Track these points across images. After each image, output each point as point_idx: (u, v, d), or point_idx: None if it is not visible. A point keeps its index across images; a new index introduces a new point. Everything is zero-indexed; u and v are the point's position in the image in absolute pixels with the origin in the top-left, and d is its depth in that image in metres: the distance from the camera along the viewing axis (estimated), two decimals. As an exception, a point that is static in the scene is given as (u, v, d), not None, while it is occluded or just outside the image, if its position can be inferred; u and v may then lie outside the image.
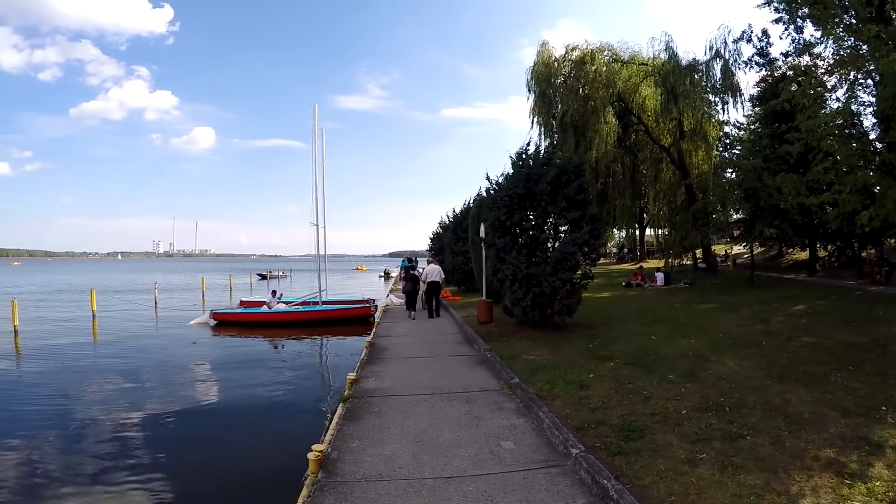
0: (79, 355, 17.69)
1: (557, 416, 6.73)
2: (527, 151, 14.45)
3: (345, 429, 7.10)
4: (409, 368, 10.99)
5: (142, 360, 16.79)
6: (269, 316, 23.32)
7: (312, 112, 24.55)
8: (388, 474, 5.56)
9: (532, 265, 13.41)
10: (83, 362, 16.56)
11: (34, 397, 12.43)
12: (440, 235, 38.38)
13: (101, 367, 15.77)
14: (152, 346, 19.53)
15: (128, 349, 18.82)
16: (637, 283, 24.92)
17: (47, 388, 13.22)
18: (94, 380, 14.16)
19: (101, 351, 18.91)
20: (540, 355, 10.76)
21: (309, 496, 5.23)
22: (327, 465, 5.90)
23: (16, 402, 12.05)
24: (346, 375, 10.31)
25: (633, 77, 29.09)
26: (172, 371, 15.27)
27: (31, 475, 7.98)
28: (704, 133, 27.98)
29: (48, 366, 16.05)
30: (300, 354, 17.67)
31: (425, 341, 14.43)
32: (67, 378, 14.39)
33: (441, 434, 6.65)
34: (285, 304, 24.47)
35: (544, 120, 29.57)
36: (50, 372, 15.17)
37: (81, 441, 9.47)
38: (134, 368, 15.55)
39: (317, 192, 24.19)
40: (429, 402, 8.21)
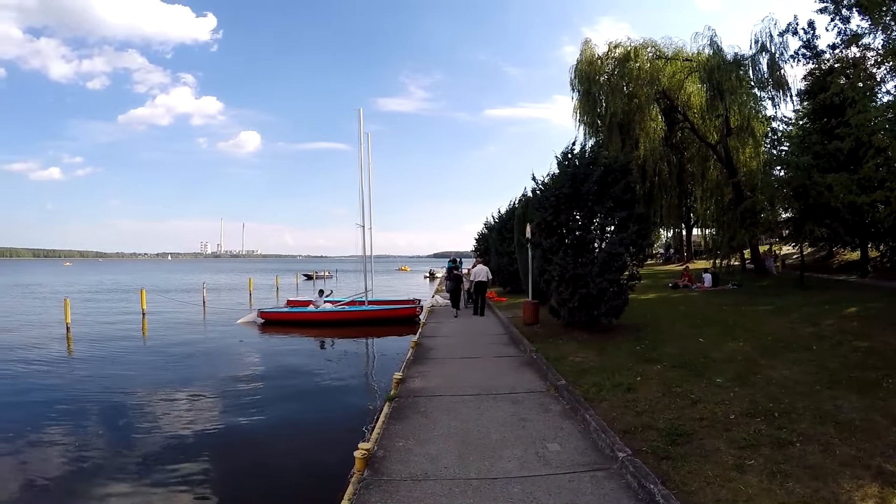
0: (128, 352, 18.30)
1: (604, 418, 6.72)
2: (572, 151, 14.37)
3: (391, 428, 7.19)
4: (455, 369, 11.07)
5: (190, 358, 17.27)
6: (315, 315, 23.68)
7: (357, 115, 24.82)
8: (434, 474, 5.64)
9: (579, 266, 13.33)
10: (132, 359, 17.10)
11: (85, 392, 12.88)
12: (485, 236, 38.29)
13: (150, 365, 16.24)
14: (200, 344, 20.09)
15: (176, 347, 19.32)
16: (684, 284, 24.53)
17: (98, 384, 13.68)
18: (142, 377, 14.58)
19: (150, 348, 19.48)
20: (586, 357, 10.73)
21: (355, 493, 5.31)
22: (373, 463, 5.98)
23: (67, 397, 12.49)
24: (391, 375, 10.44)
25: (677, 74, 28.61)
26: (220, 369, 15.66)
27: (81, 468, 8.30)
28: (752, 129, 27.13)
29: (99, 362, 16.60)
30: (346, 353, 17.92)
31: (471, 342, 14.51)
32: (117, 374, 14.85)
33: (487, 435, 6.70)
34: (331, 304, 24.84)
35: (589, 119, 29.28)
36: (100, 368, 15.69)
37: (129, 436, 9.77)
38: (182, 366, 16.02)
39: (363, 194, 24.50)
40: (475, 403, 8.28)
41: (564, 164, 14.33)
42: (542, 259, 14.66)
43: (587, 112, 29.25)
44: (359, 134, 24.51)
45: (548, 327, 14.81)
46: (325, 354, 18.07)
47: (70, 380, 14.39)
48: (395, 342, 19.25)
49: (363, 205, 24.45)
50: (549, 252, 14.14)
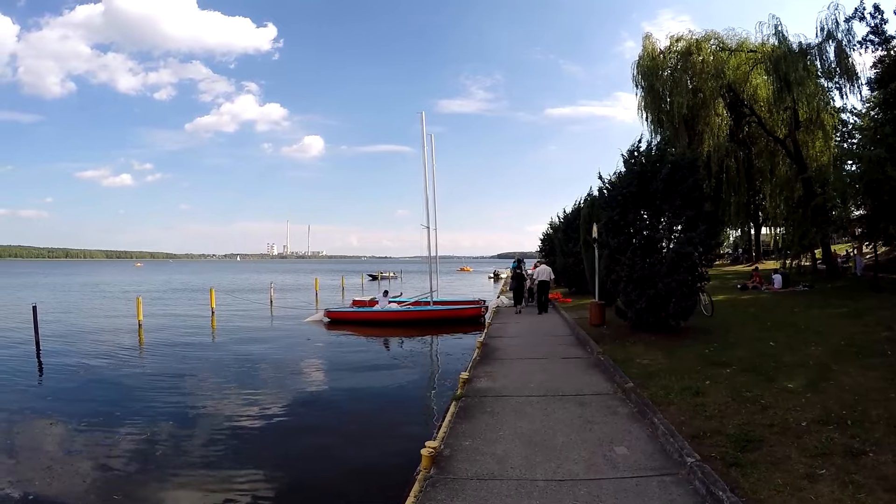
0: (198, 349, 19.06)
1: (672, 422, 6.69)
2: (639, 148, 14.21)
3: (457, 427, 7.30)
4: (521, 369, 11.12)
5: (257, 355, 17.78)
6: (380, 315, 24.07)
7: (420, 118, 25.29)
8: (500, 474, 5.71)
9: (647, 266, 13.21)
10: (202, 355, 17.81)
11: (155, 386, 13.48)
12: (550, 236, 38.06)
13: (219, 361, 16.85)
14: (268, 342, 20.68)
15: (244, 344, 19.98)
16: (753, 285, 23.88)
17: (168, 379, 14.31)
18: (211, 372, 15.21)
19: (219, 345, 20.19)
20: (654, 359, 10.64)
21: (421, 491, 5.41)
22: (439, 461, 6.08)
23: (139, 390, 13.12)
24: (457, 374, 10.59)
25: (741, 66, 27.56)
26: (287, 366, 16.14)
27: (147, 458, 8.70)
28: (821, 122, 25.84)
29: (169, 357, 17.36)
30: (411, 353, 18.20)
31: (537, 342, 14.56)
32: (187, 369, 15.53)
33: (554, 436, 6.75)
34: (397, 304, 25.19)
35: (654, 115, 28.61)
36: (171, 363, 16.40)
37: (198, 428, 10.22)
38: (250, 363, 16.49)
39: (427, 195, 24.88)
40: (541, 404, 8.34)
41: (631, 161, 14.19)
42: (610, 259, 14.54)
43: (651, 108, 28.60)
44: (422, 136, 24.99)
45: (614, 329, 14.73)
46: (390, 353, 18.41)
47: (141, 374, 15.06)
48: (459, 342, 19.42)
49: (427, 206, 24.85)
50: (616, 252, 14.02)
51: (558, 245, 31.85)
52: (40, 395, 13.15)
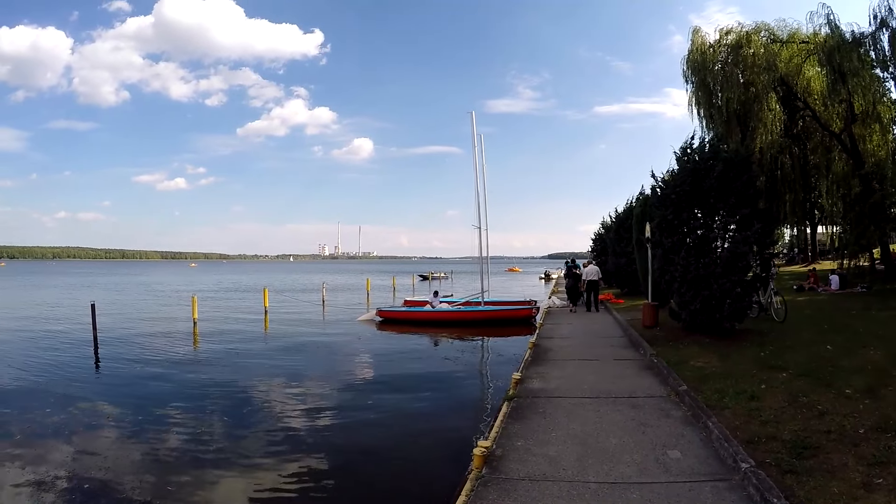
0: (251, 346, 19.53)
1: (727, 427, 6.63)
2: (691, 145, 13.99)
3: (510, 427, 7.37)
4: (573, 370, 11.15)
5: (309, 354, 18.19)
6: (432, 315, 24.26)
7: (470, 119, 25.20)
8: (552, 475, 5.75)
9: (701, 266, 13.00)
10: (255, 353, 18.22)
11: (208, 382, 13.88)
12: (602, 236, 37.63)
13: (271, 358, 17.20)
14: (320, 341, 21.02)
15: (297, 342, 20.37)
16: (809, 286, 23.22)
17: (221, 375, 14.72)
18: (264, 369, 15.56)
19: (271, 343, 20.66)
20: (708, 362, 10.52)
21: (472, 490, 5.49)
22: (491, 461, 6.14)
23: (192, 385, 13.57)
24: (508, 375, 10.66)
25: (794, 58, 26.52)
26: (338, 364, 16.45)
27: (202, 450, 8.99)
28: (878, 115, 24.54)
29: (223, 355, 17.83)
30: (462, 353, 18.19)
31: (589, 343, 14.53)
32: (239, 367, 15.93)
33: (606, 439, 6.77)
34: (448, 304, 25.34)
35: (705, 111, 27.85)
36: (224, 360, 16.85)
37: (249, 424, 10.46)
38: (302, 361, 16.85)
39: (477, 195, 24.80)
40: (594, 406, 8.36)
41: (684, 159, 13.97)
42: (663, 259, 14.39)
43: (702, 104, 27.85)
44: (472, 137, 24.89)
45: (668, 330, 14.58)
46: (441, 353, 18.50)
47: (195, 370, 15.54)
48: (511, 343, 19.38)
49: (478, 206, 24.76)
50: (670, 252, 13.86)
51: (610, 245, 31.53)
52: (98, 388, 13.72)
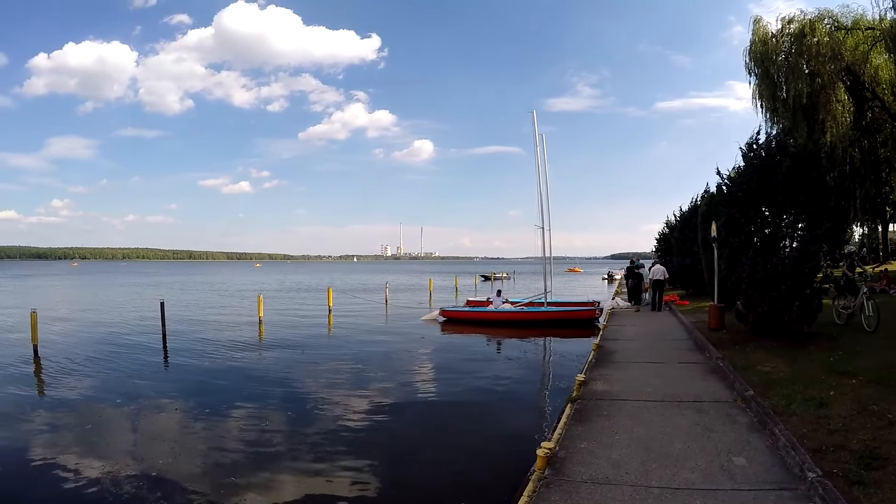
0: (314, 345, 20.00)
1: (794, 434, 6.44)
2: (757, 141, 13.58)
3: (573, 429, 7.35)
4: (637, 373, 11.03)
5: (372, 352, 18.41)
6: (494, 315, 24.29)
7: (531, 118, 25.23)
8: (615, 478, 5.71)
9: (769, 267, 12.57)
10: (319, 352, 18.59)
11: (272, 379, 14.30)
12: (666, 236, 36.86)
13: (335, 356, 17.56)
14: (383, 340, 21.35)
15: (360, 341, 20.69)
16: (881, 288, 22.21)
17: (284, 372, 15.14)
18: (327, 367, 15.90)
19: (335, 342, 21.10)
20: (775, 367, 10.19)
21: (535, 491, 5.49)
22: (554, 463, 6.13)
23: (257, 382, 13.94)
24: (570, 376, 10.67)
25: (860, 45, 25.45)
26: (401, 362, 16.69)
27: (263, 445, 9.28)
28: None
29: (287, 353, 18.28)
30: (524, 353, 18.18)
31: (654, 346, 14.33)
32: (303, 364, 16.36)
33: (670, 443, 6.69)
34: (510, 304, 25.33)
35: (769, 104, 26.78)
36: (288, 358, 17.29)
37: (310, 419, 10.74)
38: (364, 359, 17.07)
39: (540, 195, 24.79)
40: (658, 409, 8.27)
41: (750, 155, 13.54)
42: (730, 260, 14.04)
43: (766, 97, 26.78)
44: (533, 136, 24.95)
45: (734, 333, 14.17)
46: (503, 353, 18.54)
47: (259, 367, 16.02)
48: (573, 344, 19.33)
49: (541, 206, 24.78)
50: (737, 252, 13.53)
51: (675, 245, 30.90)
52: (166, 382, 14.32)
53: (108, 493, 7.42)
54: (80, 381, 14.16)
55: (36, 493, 7.62)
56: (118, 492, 7.45)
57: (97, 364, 16.40)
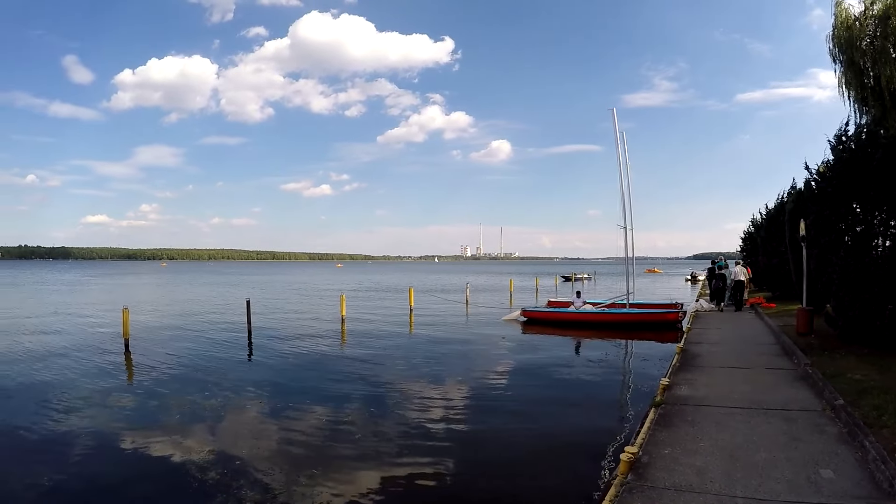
0: (396, 344, 20.22)
1: (885, 447, 6.21)
2: (846, 132, 12.97)
3: (657, 434, 7.31)
4: (722, 378, 10.83)
5: (453, 352, 18.62)
6: (576, 316, 24.15)
7: (611, 115, 24.74)
8: (699, 486, 5.67)
9: (861, 267, 11.95)
10: (399, 351, 18.84)
11: (353, 376, 14.67)
12: (752, 235, 35.54)
13: (415, 355, 17.78)
14: (464, 340, 21.55)
15: (441, 341, 20.95)
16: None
17: (365, 369, 15.49)
18: (407, 366, 16.18)
19: (416, 341, 21.30)
20: (867, 375, 9.77)
21: (617, 496, 5.51)
22: (637, 468, 6.12)
23: (337, 379, 14.34)
24: (652, 380, 10.61)
25: None
26: (481, 362, 16.83)
27: (343, 440, 9.57)
28: None
29: (368, 350, 18.65)
30: (606, 355, 18.01)
31: (739, 350, 13.97)
32: (383, 361, 16.65)
33: (756, 452, 6.58)
34: (591, 305, 25.12)
35: (857, 93, 25.08)
36: (369, 356, 17.61)
37: (390, 415, 10.97)
38: (445, 359, 17.30)
39: (623, 194, 24.39)
40: (744, 417, 8.13)
41: (839, 148, 12.96)
42: (819, 260, 13.47)
43: (853, 85, 25.19)
44: (614, 134, 24.46)
45: (823, 338, 13.64)
46: (584, 355, 18.42)
47: (340, 364, 16.41)
48: (656, 347, 19.03)
49: (623, 205, 24.36)
50: (826, 251, 12.94)
51: (761, 244, 29.83)
52: (250, 377, 14.96)
53: (192, 478, 7.86)
54: (168, 374, 15.00)
55: (124, 476, 8.14)
56: (202, 477, 7.89)
57: (184, 358, 17.36)
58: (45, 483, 7.77)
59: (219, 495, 7.28)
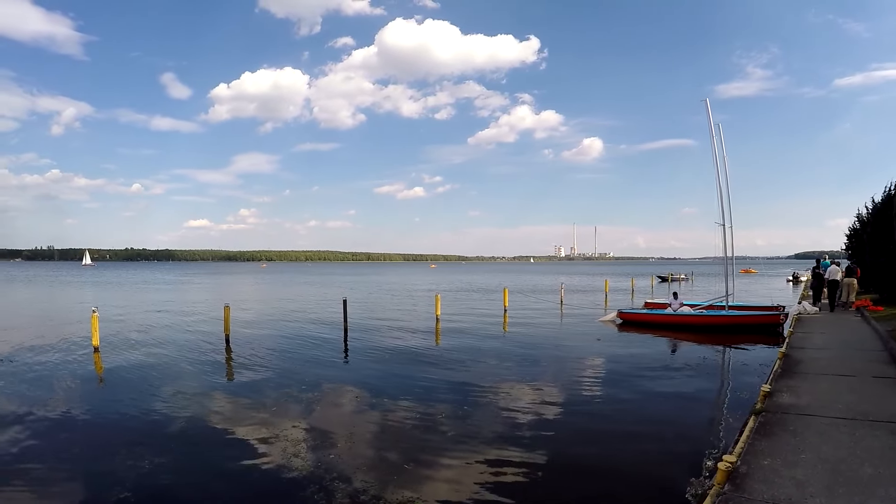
0: (489, 344, 20.33)
1: None
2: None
3: (756, 444, 7.05)
4: (826, 386, 10.29)
5: (547, 353, 18.55)
6: (673, 318, 23.60)
7: (704, 107, 23.74)
8: (798, 500, 5.43)
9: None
10: (493, 350, 18.92)
11: (447, 376, 14.82)
12: (857, 232, 33.27)
13: (509, 355, 17.80)
14: (559, 341, 21.44)
15: (535, 342, 20.85)
16: None
17: (459, 370, 15.65)
18: (501, 366, 16.21)
19: (509, 342, 21.32)
20: None
21: None
22: (735, 478, 5.91)
23: (431, 379, 14.50)
24: (751, 386, 10.27)
25: None
26: (575, 364, 16.67)
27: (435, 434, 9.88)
28: None
29: (462, 351, 18.81)
30: (703, 359, 17.46)
31: (845, 357, 13.20)
32: (477, 363, 16.74)
33: (860, 467, 6.26)
34: (689, 307, 24.43)
35: None
36: (463, 356, 17.77)
37: (481, 417, 10.98)
38: (539, 360, 17.24)
39: (720, 190, 23.45)
40: (849, 428, 7.71)
41: None
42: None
43: None
44: (708, 127, 23.39)
45: (938, 344, 12.87)
46: (681, 358, 17.92)
47: (435, 364, 16.58)
48: (756, 351, 18.31)
49: (720, 202, 23.37)
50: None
51: (867, 242, 27.95)
52: (346, 373, 15.58)
53: (286, 468, 8.27)
54: (266, 369, 15.72)
55: (219, 463, 8.68)
56: (297, 468, 8.28)
57: (282, 353, 18.21)
58: (144, 466, 8.41)
59: (311, 486, 7.60)
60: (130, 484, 7.74)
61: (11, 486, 7.78)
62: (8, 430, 10.32)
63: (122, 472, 8.20)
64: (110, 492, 7.49)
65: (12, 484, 7.86)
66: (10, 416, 11.15)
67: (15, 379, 14.44)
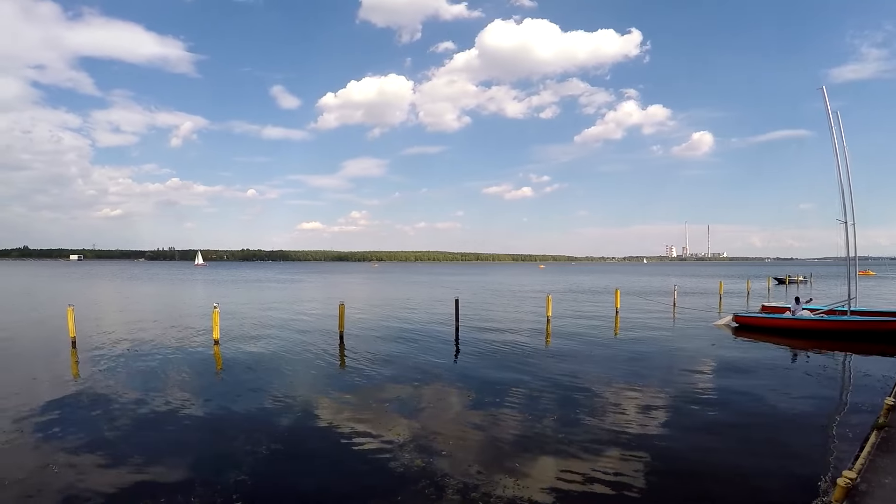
0: (600, 346, 20.13)
1: None
2: None
3: (878, 460, 6.82)
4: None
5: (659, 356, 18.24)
6: (792, 323, 22.49)
7: (821, 94, 21.82)
8: None
9: None
10: (603, 352, 18.78)
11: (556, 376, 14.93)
12: None
13: (619, 359, 17.59)
14: (671, 344, 20.90)
15: (647, 345, 20.53)
16: None
17: (568, 370, 15.67)
18: (612, 368, 16.12)
19: (620, 344, 20.92)
20: None
21: None
22: (854, 495, 5.76)
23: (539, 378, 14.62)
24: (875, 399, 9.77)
25: None
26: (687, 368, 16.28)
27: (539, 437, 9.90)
28: None
29: (572, 352, 18.77)
30: (824, 369, 16.51)
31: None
32: (587, 363, 16.79)
33: None
34: (810, 312, 23.22)
35: None
36: (573, 358, 17.77)
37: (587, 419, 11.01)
38: (651, 363, 16.97)
39: (841, 185, 21.65)
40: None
41: None
42: None
43: None
44: (826, 115, 21.62)
45: None
46: (800, 367, 17.04)
47: (545, 365, 16.63)
48: (880, 361, 17.21)
49: (843, 197, 21.65)
50: None
51: None
52: (458, 369, 15.94)
53: (397, 461, 8.68)
54: (379, 365, 16.25)
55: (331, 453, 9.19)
56: (406, 461, 8.69)
57: (393, 350, 18.76)
58: (262, 451, 9.13)
59: (423, 480, 7.95)
60: (247, 468, 8.43)
61: (140, 460, 8.75)
62: (140, 408, 11.62)
63: (240, 455, 8.97)
64: (229, 473, 8.20)
65: (141, 458, 8.84)
66: (142, 399, 12.37)
67: (144, 366, 16.05)
